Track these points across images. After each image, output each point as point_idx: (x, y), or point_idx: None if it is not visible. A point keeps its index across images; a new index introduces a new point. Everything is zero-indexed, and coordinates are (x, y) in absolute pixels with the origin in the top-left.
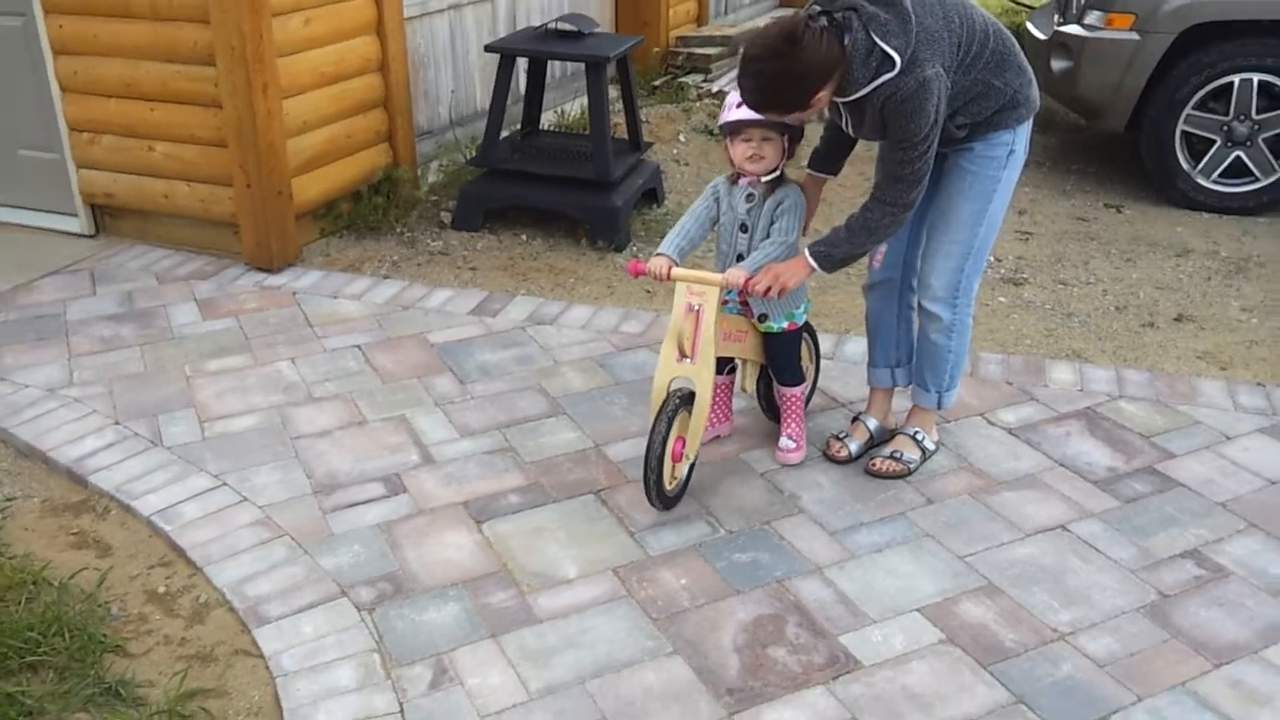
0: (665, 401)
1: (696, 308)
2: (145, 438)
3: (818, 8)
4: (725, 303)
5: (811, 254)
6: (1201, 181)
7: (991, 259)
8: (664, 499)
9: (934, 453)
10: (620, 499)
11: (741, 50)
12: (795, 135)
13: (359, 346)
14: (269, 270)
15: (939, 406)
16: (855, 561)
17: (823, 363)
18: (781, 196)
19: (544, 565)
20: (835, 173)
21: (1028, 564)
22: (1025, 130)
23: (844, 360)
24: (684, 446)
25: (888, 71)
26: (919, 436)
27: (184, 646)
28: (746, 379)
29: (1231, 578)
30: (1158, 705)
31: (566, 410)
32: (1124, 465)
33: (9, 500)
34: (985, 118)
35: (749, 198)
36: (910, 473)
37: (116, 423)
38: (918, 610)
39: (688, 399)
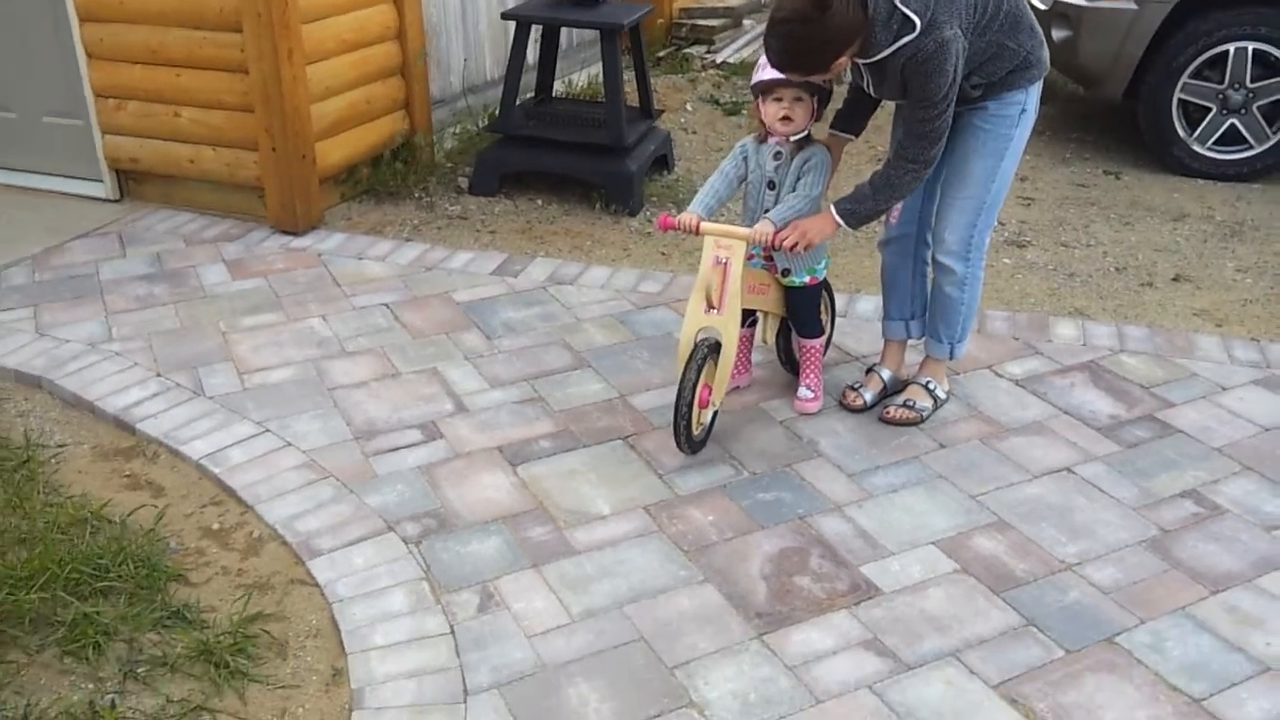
0: (694, 351)
1: (724, 261)
2: (187, 388)
3: None
4: (750, 258)
5: (838, 211)
6: (1197, 149)
7: (996, 222)
8: (692, 443)
9: (945, 402)
10: (648, 444)
11: (771, 12)
12: (824, 97)
13: (387, 305)
14: (293, 233)
15: (951, 357)
16: (873, 500)
17: (837, 320)
18: (809, 154)
19: (578, 503)
20: (858, 133)
21: (1036, 502)
22: (1036, 90)
23: (856, 318)
24: (710, 394)
25: (909, 34)
26: (931, 386)
27: (242, 576)
28: (768, 331)
29: (1227, 515)
30: (1159, 628)
31: (591, 363)
32: (1125, 413)
33: (61, 447)
34: (1000, 78)
35: (776, 155)
36: (923, 420)
37: (158, 374)
38: (933, 543)
39: (715, 348)
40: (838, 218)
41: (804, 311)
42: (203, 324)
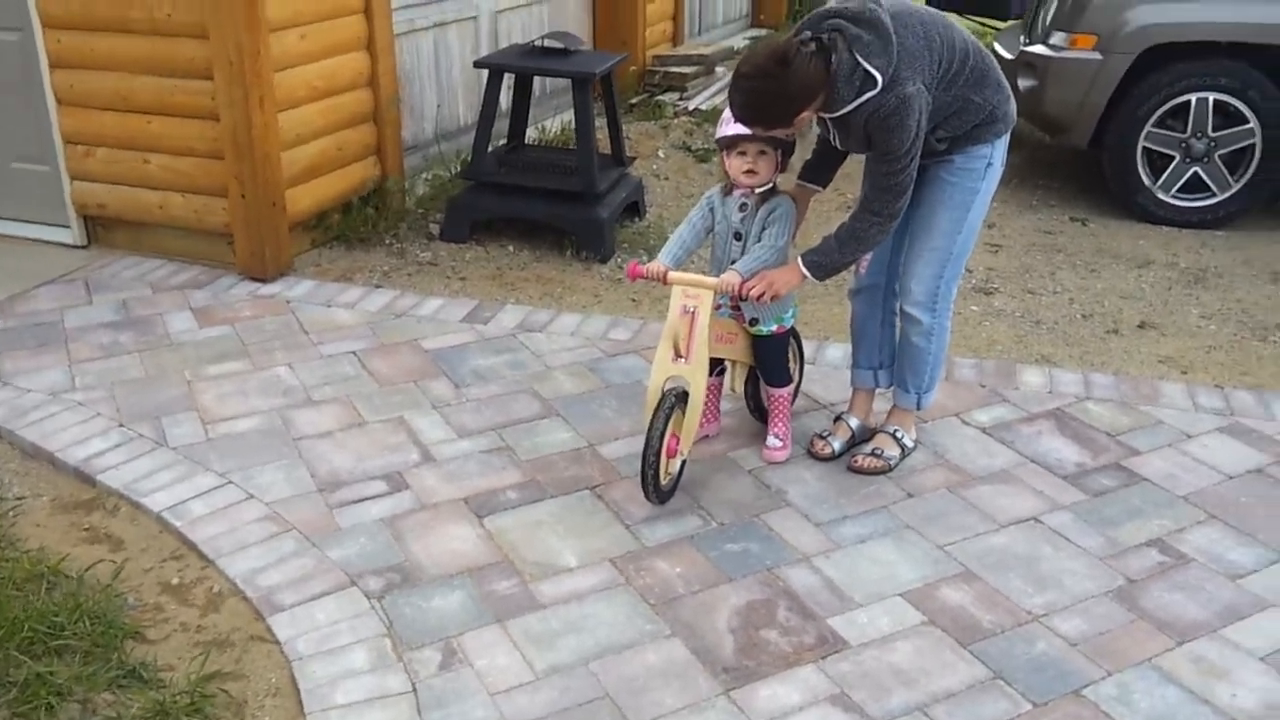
0: (661, 400)
1: (691, 310)
2: (150, 439)
3: (808, 33)
4: (718, 307)
5: (805, 263)
6: (1162, 196)
7: (964, 270)
8: (659, 493)
9: (913, 450)
10: (615, 494)
11: (736, 66)
12: (788, 150)
13: (354, 352)
14: (262, 280)
15: (918, 407)
16: (840, 551)
17: (805, 368)
18: (773, 206)
19: (544, 555)
20: (824, 185)
21: (1002, 552)
22: (1003, 144)
23: (825, 365)
24: (678, 443)
25: (871, 89)
26: (899, 434)
27: (200, 633)
28: (736, 380)
29: (1193, 564)
30: (1125, 680)
31: (560, 412)
32: (1091, 461)
33: (19, 499)
34: (965, 132)
35: (742, 207)
36: (890, 469)
37: (121, 425)
38: (900, 595)
39: (682, 398)
40: (804, 270)
41: (772, 360)
42: (168, 372)
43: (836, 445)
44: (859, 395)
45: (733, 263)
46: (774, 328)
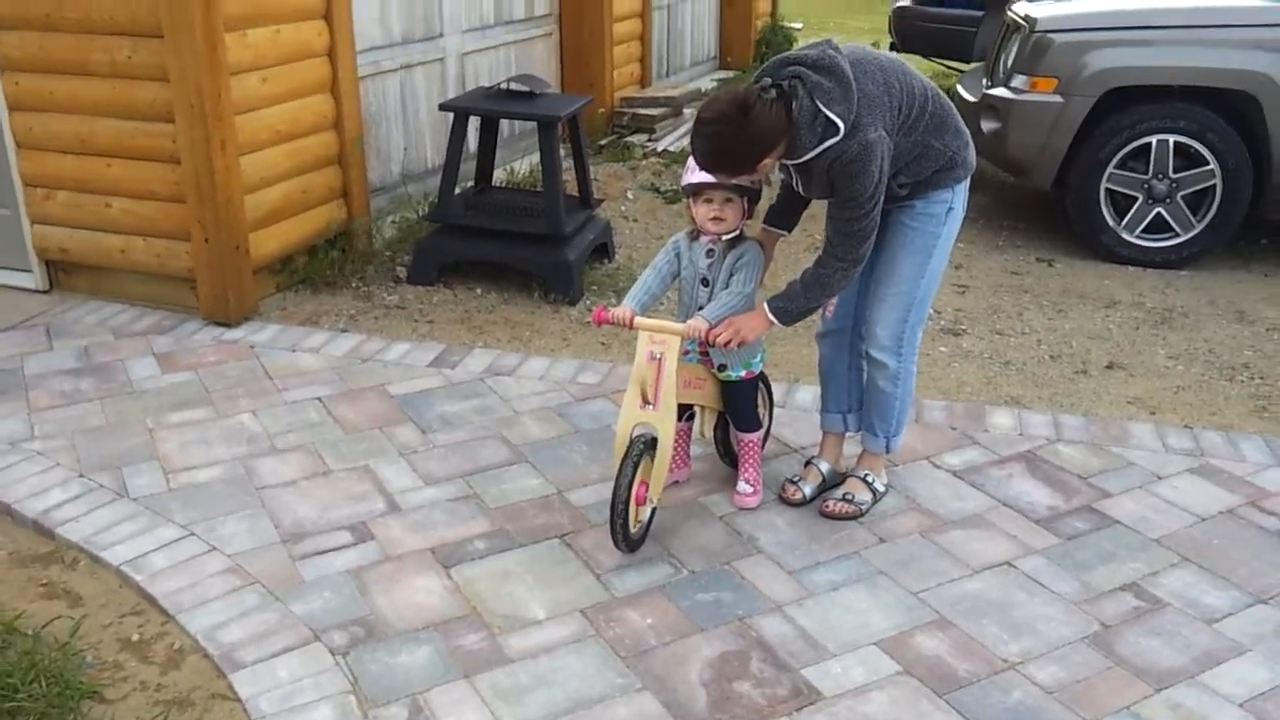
0: (630, 447)
1: (659, 356)
2: (111, 489)
3: (768, 79)
4: (686, 353)
5: (771, 309)
6: (1126, 236)
7: (932, 311)
8: (629, 542)
9: (884, 494)
10: (585, 542)
11: (698, 112)
12: (754, 196)
13: (320, 398)
14: (226, 324)
15: (887, 450)
16: (813, 599)
17: (775, 411)
18: (741, 252)
19: (513, 607)
20: (790, 229)
21: (977, 598)
22: (963, 189)
23: (795, 408)
24: (647, 490)
25: (833, 136)
26: (869, 479)
27: (160, 692)
28: (705, 425)
29: (1168, 608)
30: None
31: (528, 458)
32: (1063, 504)
33: None
34: (925, 178)
35: (709, 253)
36: (862, 514)
37: (81, 475)
38: (874, 644)
39: (651, 444)
40: (770, 315)
41: (741, 406)
42: (129, 421)
43: (807, 490)
44: (829, 439)
45: (700, 309)
46: (742, 373)
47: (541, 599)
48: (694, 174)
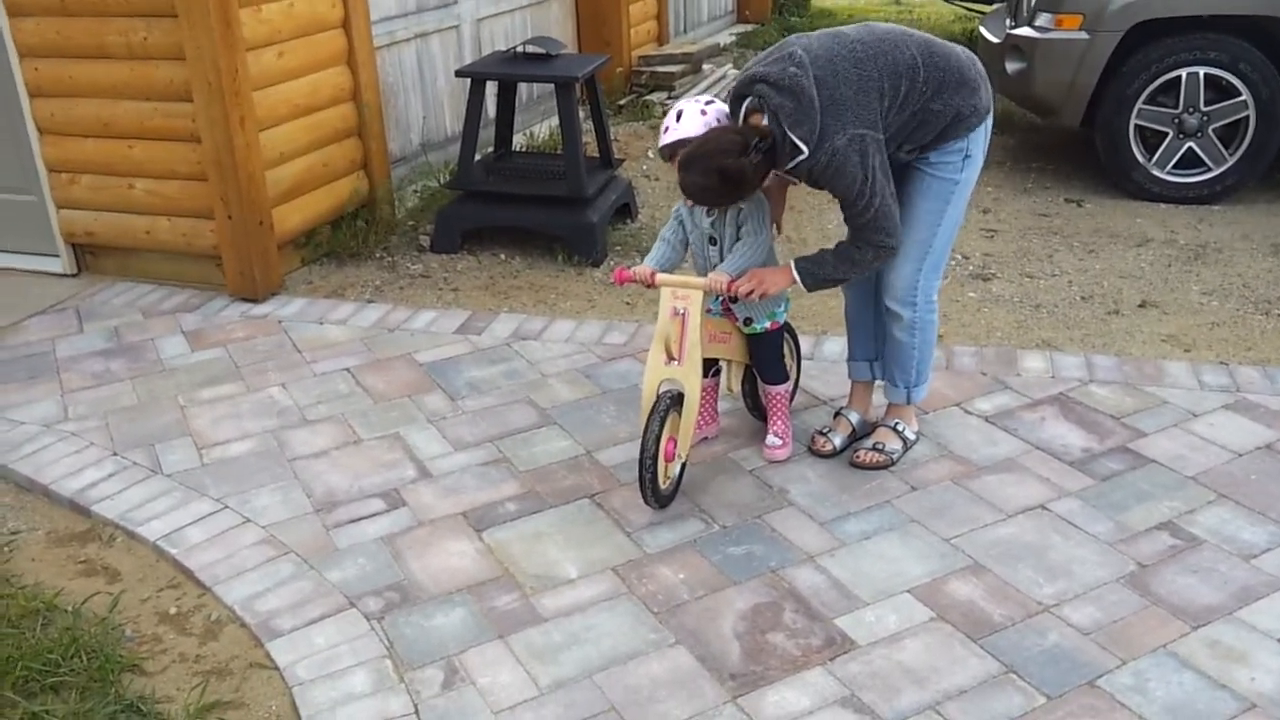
0: (656, 403)
1: (682, 311)
2: (144, 467)
3: (748, 100)
4: (708, 310)
5: (797, 268)
6: (1156, 173)
7: (959, 256)
8: (659, 498)
9: (915, 443)
10: (615, 501)
11: (684, 157)
12: None
13: (348, 369)
14: (253, 300)
15: (909, 401)
16: (845, 549)
17: (803, 363)
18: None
19: (545, 568)
20: None
21: (1011, 543)
22: (981, 135)
23: (823, 360)
24: (676, 446)
25: (799, 156)
26: (899, 427)
27: (199, 663)
28: (732, 379)
29: (1205, 546)
30: (1140, 667)
31: (557, 420)
32: (1098, 445)
33: (14, 534)
34: (930, 140)
35: (709, 211)
36: (893, 463)
37: (115, 454)
38: (908, 591)
39: (677, 400)
40: (796, 275)
41: (767, 357)
42: (161, 399)
43: (837, 441)
44: (857, 389)
45: (714, 267)
46: (767, 324)
47: (573, 558)
48: (670, 133)
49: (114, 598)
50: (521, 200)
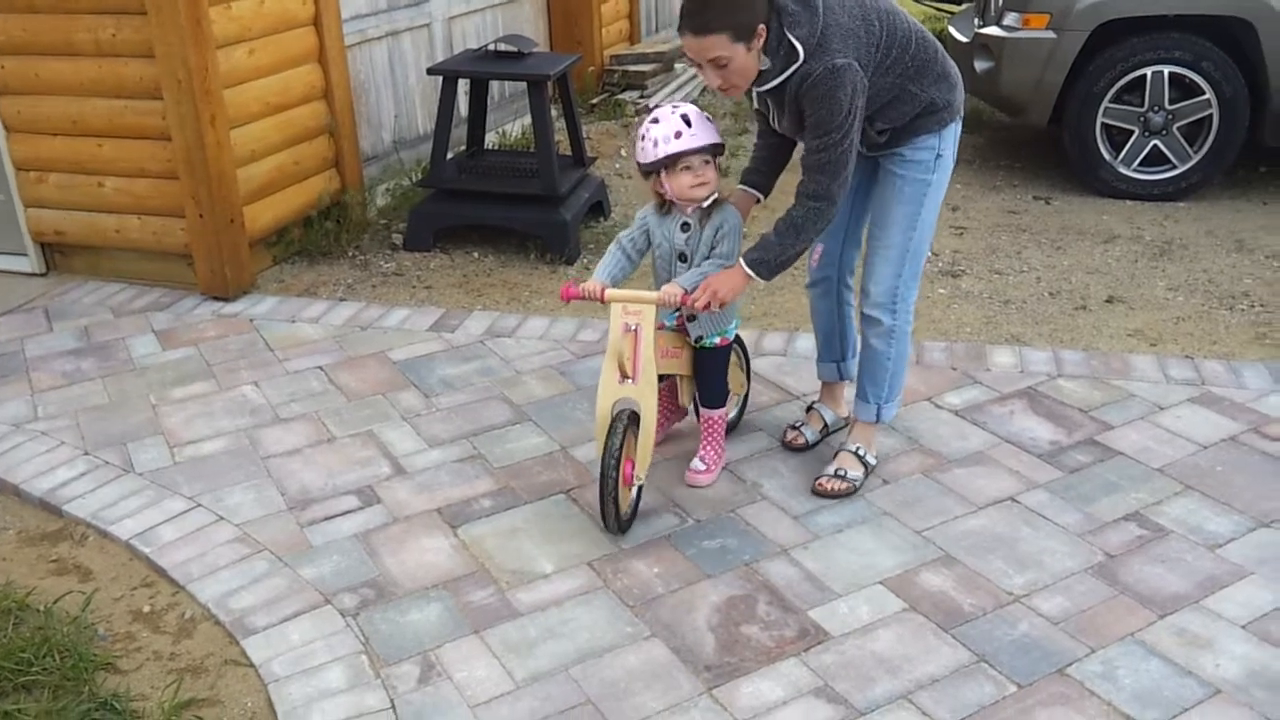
0: (612, 424)
1: (634, 327)
2: (116, 466)
3: None
4: (661, 325)
5: (747, 262)
6: (1123, 170)
7: (930, 254)
8: (619, 522)
9: (874, 468)
10: (590, 496)
11: None
12: (720, 150)
13: (321, 367)
14: (225, 298)
15: (878, 419)
16: (819, 541)
17: (776, 360)
18: (719, 221)
19: (521, 563)
20: (766, 192)
21: (981, 534)
22: (951, 134)
23: (795, 356)
24: (634, 469)
25: (795, 62)
26: (861, 452)
27: (174, 660)
28: (684, 394)
29: (1171, 536)
30: (1109, 655)
31: (531, 417)
32: (1066, 438)
33: None
34: (904, 124)
35: (685, 226)
36: (856, 490)
37: (86, 453)
38: (880, 583)
39: (633, 420)
40: (748, 270)
41: (712, 375)
42: (132, 398)
43: (809, 435)
44: (826, 387)
45: None
46: (716, 340)
47: (549, 553)
48: (668, 144)
49: (86, 597)
50: (494, 198)
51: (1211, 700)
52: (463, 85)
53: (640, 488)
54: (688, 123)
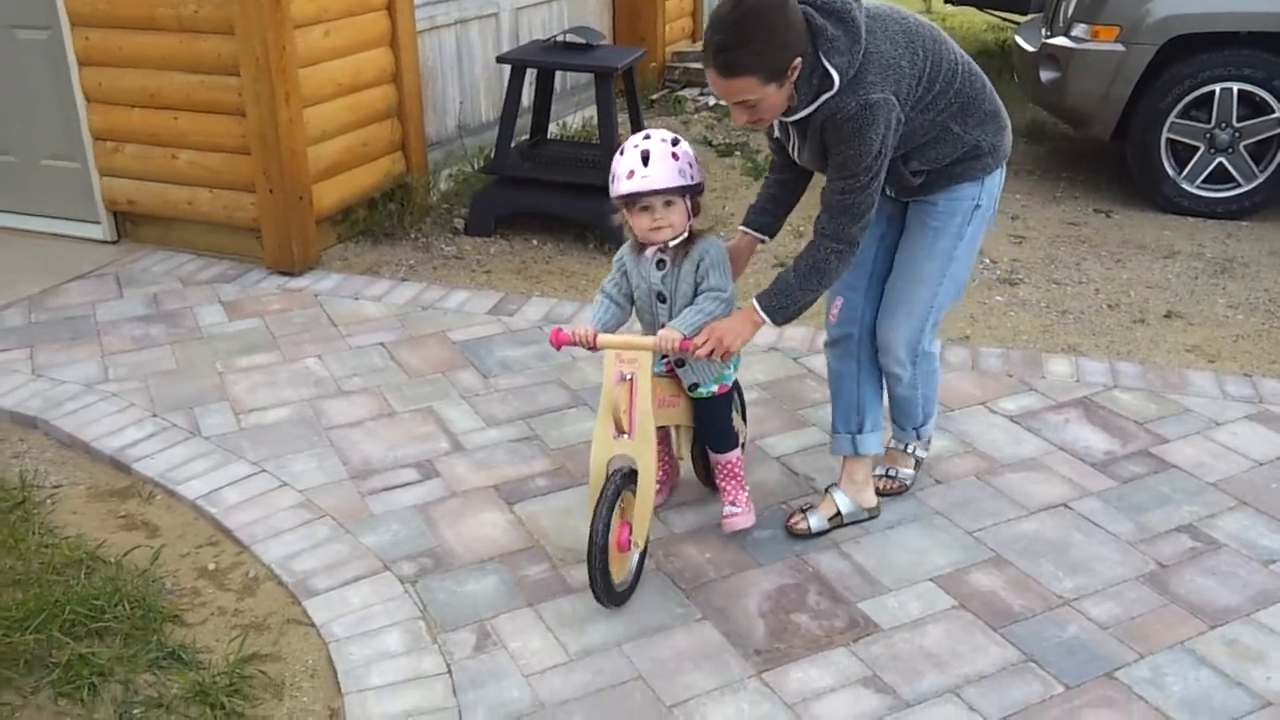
0: (605, 486)
1: (629, 376)
2: (183, 428)
3: None
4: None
5: (762, 307)
6: (1186, 187)
7: (987, 260)
8: (611, 595)
9: (925, 460)
10: None
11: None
12: (696, 191)
13: (383, 344)
14: (290, 273)
15: (918, 437)
16: (870, 537)
17: (802, 359)
18: (699, 254)
19: (574, 541)
20: (772, 234)
21: (1033, 538)
22: (993, 182)
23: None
24: (631, 533)
25: (828, 90)
26: (910, 449)
27: (238, 617)
28: (681, 445)
29: (1224, 549)
30: (1158, 662)
31: (586, 401)
32: (1120, 449)
33: (55, 487)
34: (943, 167)
35: (660, 264)
36: (908, 488)
37: (154, 415)
38: (930, 580)
39: (629, 478)
40: (761, 315)
41: (715, 424)
42: (199, 364)
43: (813, 522)
44: (848, 464)
45: (663, 326)
46: (715, 389)
47: None
48: (620, 182)
49: (154, 551)
50: (556, 187)
51: (1261, 712)
52: (529, 74)
53: (644, 553)
54: (645, 161)
